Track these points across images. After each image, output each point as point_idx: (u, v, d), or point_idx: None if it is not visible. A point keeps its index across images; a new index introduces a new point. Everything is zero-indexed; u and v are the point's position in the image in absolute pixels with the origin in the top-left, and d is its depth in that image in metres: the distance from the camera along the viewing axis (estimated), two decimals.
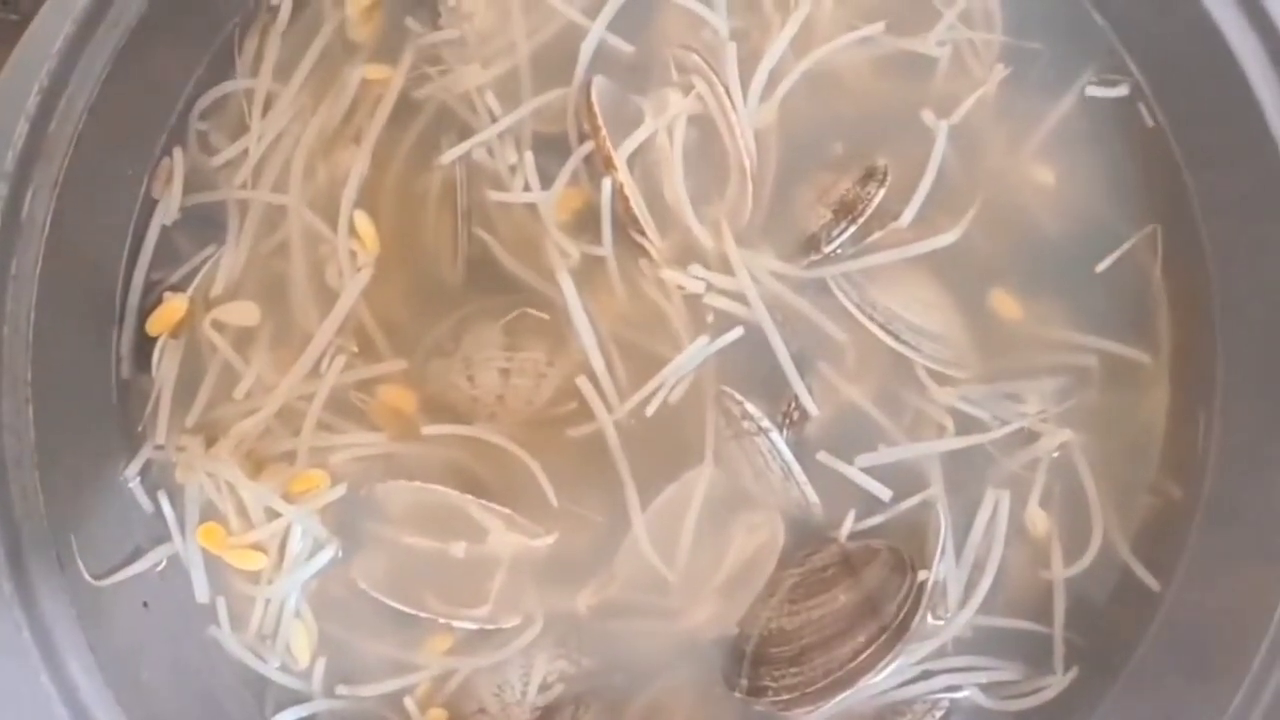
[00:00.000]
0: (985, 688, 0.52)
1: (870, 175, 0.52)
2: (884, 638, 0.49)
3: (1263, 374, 0.51)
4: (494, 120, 0.51)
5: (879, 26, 0.53)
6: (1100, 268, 0.53)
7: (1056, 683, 0.52)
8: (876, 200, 0.51)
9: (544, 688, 0.52)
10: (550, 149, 0.52)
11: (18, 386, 0.44)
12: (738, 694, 0.51)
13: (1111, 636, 0.52)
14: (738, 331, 0.51)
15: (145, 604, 0.50)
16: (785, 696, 0.50)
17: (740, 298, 0.51)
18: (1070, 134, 0.54)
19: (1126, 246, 0.53)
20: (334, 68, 0.53)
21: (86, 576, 0.46)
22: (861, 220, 0.51)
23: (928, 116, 0.52)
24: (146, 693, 0.46)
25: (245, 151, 0.52)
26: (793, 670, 0.50)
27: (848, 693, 0.50)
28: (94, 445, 0.50)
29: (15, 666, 0.43)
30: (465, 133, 0.52)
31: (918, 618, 0.49)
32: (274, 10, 0.54)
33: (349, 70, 0.53)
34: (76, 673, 0.44)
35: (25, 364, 0.44)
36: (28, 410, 0.44)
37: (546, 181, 0.52)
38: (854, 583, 0.51)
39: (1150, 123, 0.54)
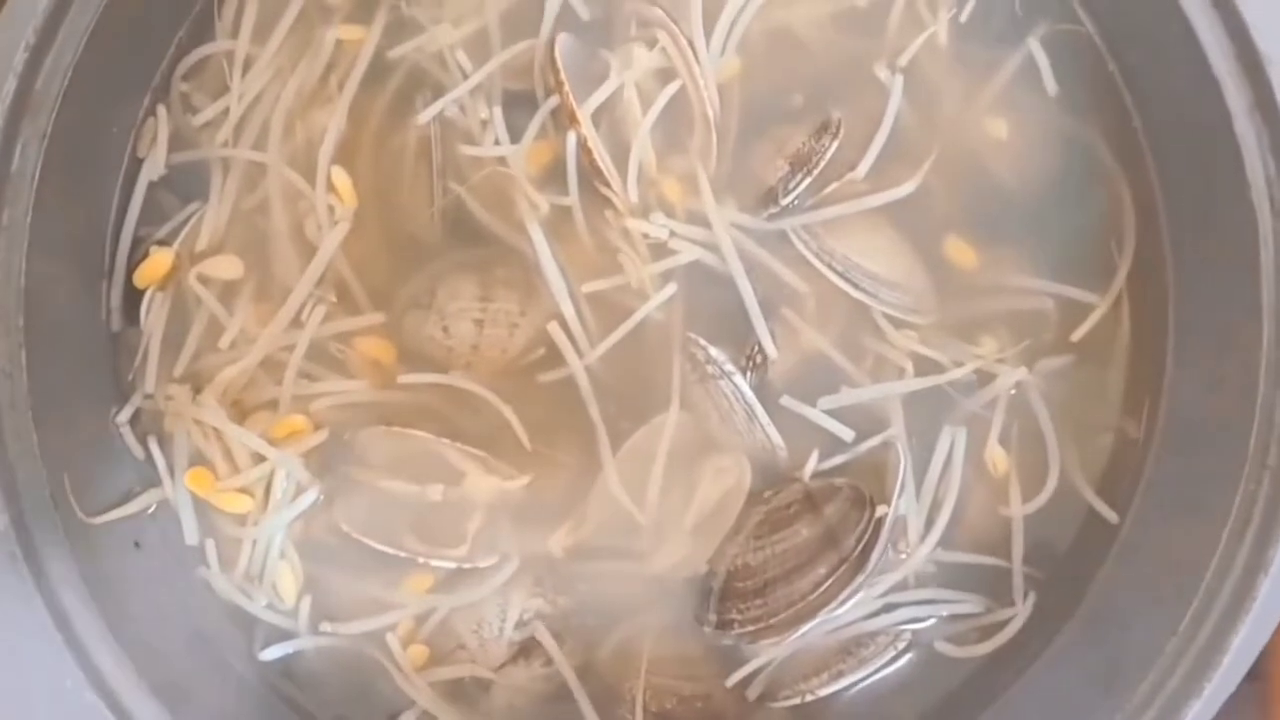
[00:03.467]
0: (946, 629, 0.54)
1: (824, 129, 0.53)
2: (843, 569, 0.51)
3: (1214, 315, 0.52)
4: (465, 78, 0.53)
5: None
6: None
7: (1017, 617, 0.53)
8: (830, 153, 0.52)
9: (520, 625, 0.54)
10: (520, 105, 0.53)
11: (11, 332, 0.46)
12: (706, 629, 0.53)
13: (1070, 569, 0.54)
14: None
15: (137, 544, 0.52)
16: (751, 628, 0.52)
17: (707, 245, 0.53)
18: (1023, 86, 0.55)
19: None
20: (310, 29, 0.54)
21: (79, 514, 0.48)
22: (815, 173, 0.52)
23: (881, 71, 0.54)
24: (139, 623, 0.48)
25: (226, 111, 0.53)
26: (757, 602, 0.52)
27: (810, 624, 0.51)
28: (86, 392, 0.52)
29: (11, 597, 0.45)
30: (438, 91, 0.53)
31: (877, 550, 0.51)
32: None
33: (324, 31, 0.54)
34: (70, 603, 0.46)
35: (18, 311, 0.46)
36: (21, 355, 0.46)
37: (516, 136, 0.53)
38: (815, 518, 0.52)
39: (1103, 70, 0.55)
